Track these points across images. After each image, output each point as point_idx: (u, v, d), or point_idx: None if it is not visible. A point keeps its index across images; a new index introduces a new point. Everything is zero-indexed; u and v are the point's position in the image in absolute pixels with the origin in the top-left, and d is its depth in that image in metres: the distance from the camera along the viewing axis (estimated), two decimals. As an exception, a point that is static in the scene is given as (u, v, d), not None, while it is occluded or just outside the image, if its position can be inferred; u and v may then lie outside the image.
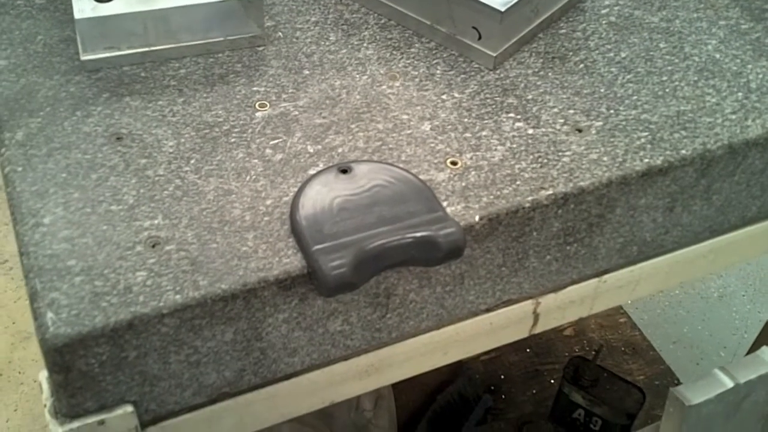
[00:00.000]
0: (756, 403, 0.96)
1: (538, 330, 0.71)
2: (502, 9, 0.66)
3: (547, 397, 1.30)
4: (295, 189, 0.57)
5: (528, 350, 1.39)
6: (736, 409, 0.95)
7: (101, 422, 0.52)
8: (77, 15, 0.63)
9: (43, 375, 0.52)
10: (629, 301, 1.71)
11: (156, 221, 0.55)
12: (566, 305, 0.70)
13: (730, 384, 0.91)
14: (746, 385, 0.92)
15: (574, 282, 0.69)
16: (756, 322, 1.77)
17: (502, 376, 1.34)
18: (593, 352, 1.25)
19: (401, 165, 0.60)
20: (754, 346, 1.14)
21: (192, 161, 0.59)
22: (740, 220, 0.74)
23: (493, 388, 1.32)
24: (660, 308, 1.79)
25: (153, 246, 0.53)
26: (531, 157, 0.62)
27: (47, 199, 0.55)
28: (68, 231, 0.53)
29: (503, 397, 1.31)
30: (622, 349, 1.40)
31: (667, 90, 0.69)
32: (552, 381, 1.34)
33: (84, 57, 0.65)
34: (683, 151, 0.63)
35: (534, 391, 1.32)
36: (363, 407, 1.16)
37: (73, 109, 0.63)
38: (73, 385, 0.50)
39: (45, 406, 0.52)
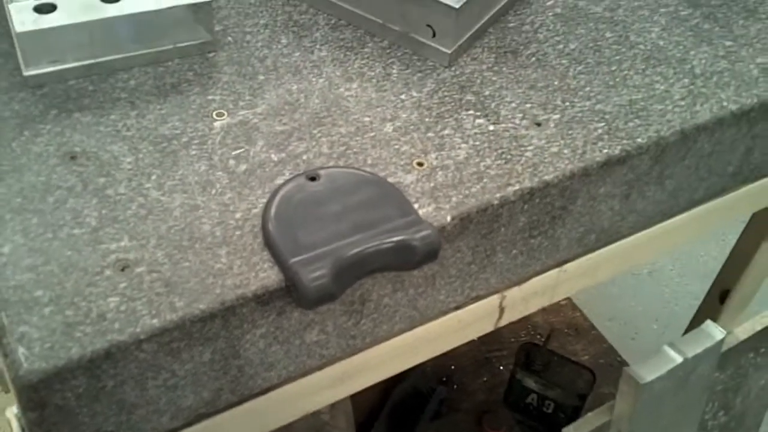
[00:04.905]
0: (701, 376, 0.99)
1: (502, 323, 0.72)
2: (457, 5, 0.65)
3: (498, 383, 1.32)
4: (264, 200, 0.56)
5: (475, 339, 1.40)
6: (684, 382, 0.97)
7: (78, 456, 0.49)
8: (18, 28, 0.60)
9: (12, 411, 0.50)
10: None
11: (122, 243, 0.52)
12: (530, 296, 0.71)
13: (679, 359, 0.93)
14: (694, 359, 0.95)
15: (537, 273, 0.69)
16: (685, 294, 1.83)
17: (453, 367, 1.34)
18: (538, 336, 1.27)
19: (368, 169, 0.59)
20: (695, 321, 1.17)
21: (153, 177, 0.57)
22: (689, 202, 0.76)
23: (445, 379, 1.32)
24: (594, 288, 1.83)
25: (122, 269, 0.51)
26: (495, 153, 0.62)
27: (4, 226, 0.52)
28: (31, 259, 0.50)
29: (455, 387, 1.31)
30: (566, 330, 1.43)
31: (617, 79, 0.70)
32: (501, 368, 1.36)
33: (27, 72, 0.62)
34: (639, 140, 0.64)
35: (485, 379, 1.33)
36: (319, 410, 1.15)
37: (20, 128, 0.59)
38: (49, 421, 0.47)
39: (14, 443, 0.50)
